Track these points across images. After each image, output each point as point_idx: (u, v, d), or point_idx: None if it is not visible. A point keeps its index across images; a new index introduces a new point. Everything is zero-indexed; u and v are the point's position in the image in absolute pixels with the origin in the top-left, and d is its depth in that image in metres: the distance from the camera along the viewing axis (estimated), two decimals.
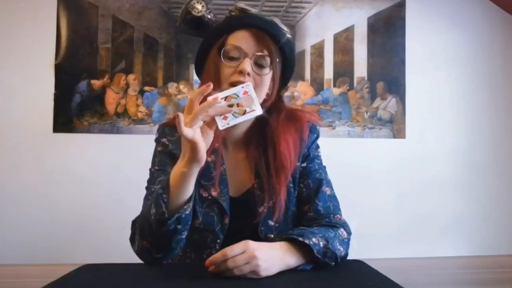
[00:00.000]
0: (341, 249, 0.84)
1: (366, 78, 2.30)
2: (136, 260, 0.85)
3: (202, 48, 0.96)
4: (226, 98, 0.74)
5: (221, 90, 0.81)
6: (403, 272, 0.81)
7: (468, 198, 2.33)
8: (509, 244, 2.30)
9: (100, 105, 2.15)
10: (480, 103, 2.36)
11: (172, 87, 2.18)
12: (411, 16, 2.32)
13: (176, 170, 0.77)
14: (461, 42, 2.37)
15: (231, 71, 0.87)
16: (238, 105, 0.74)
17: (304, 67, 2.27)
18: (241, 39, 0.89)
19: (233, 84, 0.85)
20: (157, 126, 1.06)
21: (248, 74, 0.86)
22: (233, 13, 0.94)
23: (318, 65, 2.28)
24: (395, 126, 2.31)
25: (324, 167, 1.01)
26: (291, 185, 0.94)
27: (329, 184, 0.97)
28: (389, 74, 2.31)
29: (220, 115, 0.73)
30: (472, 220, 2.32)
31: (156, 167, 0.96)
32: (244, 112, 0.74)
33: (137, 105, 2.17)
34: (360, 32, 2.30)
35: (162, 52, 2.19)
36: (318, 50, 2.29)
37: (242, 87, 0.76)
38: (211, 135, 0.76)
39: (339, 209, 0.96)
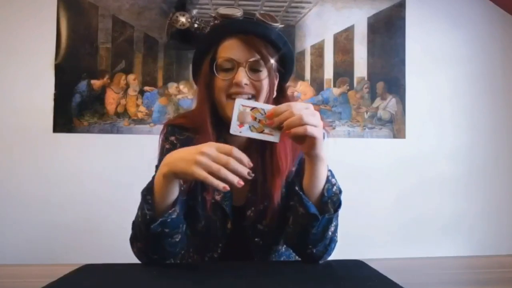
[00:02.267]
0: (332, 229, 0.83)
1: (366, 78, 2.30)
2: (136, 260, 0.85)
3: (195, 60, 0.95)
4: (252, 108, 0.73)
5: (220, 104, 0.83)
6: (403, 272, 0.81)
7: (468, 198, 2.33)
8: (509, 244, 2.30)
9: (100, 105, 2.15)
10: (480, 103, 2.36)
11: (172, 87, 2.18)
12: (411, 16, 2.32)
13: (159, 173, 0.76)
14: (461, 42, 2.37)
15: (228, 83, 0.85)
16: (260, 121, 0.72)
17: (304, 67, 2.27)
18: (230, 49, 0.86)
19: (231, 96, 0.85)
20: (157, 126, 1.06)
21: (246, 84, 0.85)
22: (216, 21, 0.91)
23: (318, 65, 2.28)
24: (395, 126, 2.31)
25: None
26: (284, 189, 0.90)
27: None
28: (389, 74, 2.31)
29: (240, 120, 0.72)
30: (472, 220, 2.32)
31: None
32: (262, 131, 0.72)
33: (137, 105, 2.17)
34: (360, 32, 2.30)
35: (162, 52, 2.19)
36: (318, 50, 2.29)
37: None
38: None
39: None
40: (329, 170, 0.82)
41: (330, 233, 0.82)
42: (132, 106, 2.17)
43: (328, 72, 2.29)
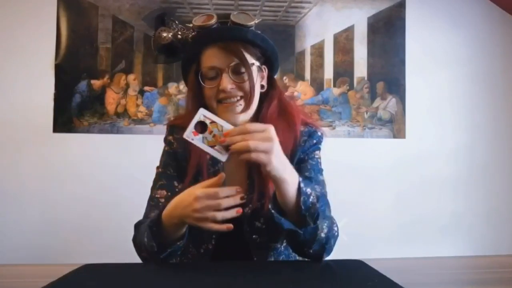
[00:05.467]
0: (325, 230, 0.80)
1: (366, 78, 2.30)
2: (136, 260, 0.86)
3: (183, 70, 0.97)
4: (212, 122, 0.73)
5: (211, 109, 0.84)
6: (403, 272, 0.81)
7: (468, 198, 2.33)
8: (509, 244, 2.30)
9: (100, 105, 2.15)
10: (480, 103, 2.36)
11: (172, 87, 2.18)
12: (411, 16, 2.32)
13: (172, 220, 0.79)
14: (461, 42, 2.37)
15: (215, 90, 0.88)
16: (214, 136, 0.73)
17: (304, 67, 2.27)
18: (211, 57, 0.89)
19: (221, 102, 0.88)
20: (157, 126, 1.07)
21: (232, 88, 0.87)
22: (194, 33, 0.94)
23: (318, 65, 2.28)
24: (395, 126, 2.31)
25: (320, 169, 0.97)
26: None
27: (319, 184, 0.92)
28: (389, 74, 2.31)
29: (196, 129, 0.73)
30: (472, 220, 2.32)
31: (160, 169, 0.98)
32: (213, 146, 0.73)
33: (137, 105, 2.17)
34: (360, 32, 2.30)
35: None
36: (318, 50, 2.29)
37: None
38: None
39: (328, 209, 0.90)
40: (303, 181, 0.79)
41: (322, 234, 0.80)
42: (132, 106, 2.17)
43: (328, 72, 2.29)
